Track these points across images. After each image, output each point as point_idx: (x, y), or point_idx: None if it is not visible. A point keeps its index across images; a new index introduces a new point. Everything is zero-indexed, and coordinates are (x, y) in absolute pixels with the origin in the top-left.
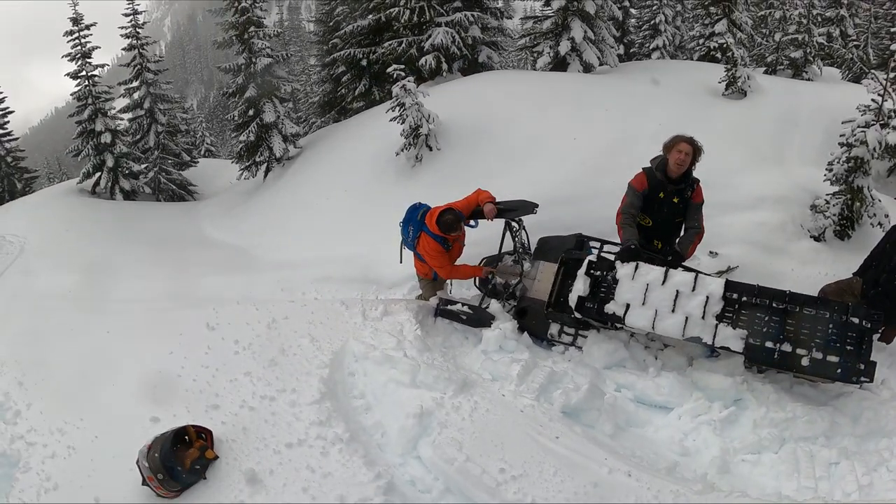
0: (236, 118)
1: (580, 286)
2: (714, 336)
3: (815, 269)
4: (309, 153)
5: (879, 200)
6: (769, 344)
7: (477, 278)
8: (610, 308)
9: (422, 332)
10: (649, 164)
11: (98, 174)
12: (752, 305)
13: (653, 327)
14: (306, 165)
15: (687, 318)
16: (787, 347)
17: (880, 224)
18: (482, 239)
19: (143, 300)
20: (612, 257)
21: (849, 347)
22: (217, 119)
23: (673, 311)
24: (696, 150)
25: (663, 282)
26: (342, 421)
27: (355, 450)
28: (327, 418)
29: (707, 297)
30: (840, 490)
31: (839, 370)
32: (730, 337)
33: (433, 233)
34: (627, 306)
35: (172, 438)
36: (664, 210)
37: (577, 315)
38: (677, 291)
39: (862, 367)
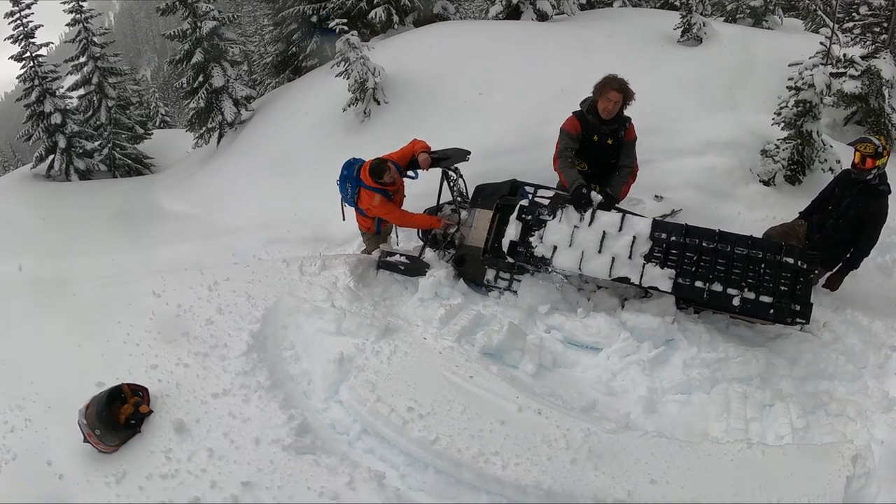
0: (185, 85)
1: (512, 231)
2: (641, 276)
3: (762, 212)
4: (261, 115)
5: (831, 146)
6: (699, 284)
7: (419, 229)
8: (539, 251)
9: (355, 283)
10: (579, 108)
11: (51, 157)
12: (681, 245)
13: (580, 268)
14: (258, 128)
15: (614, 258)
16: (717, 287)
17: (831, 170)
18: (426, 192)
19: (98, 278)
20: (546, 202)
21: (783, 288)
22: (171, 88)
23: (600, 251)
24: (626, 96)
25: (590, 223)
26: (266, 370)
27: (274, 395)
28: (252, 368)
29: (634, 238)
30: (773, 432)
31: (772, 310)
32: (657, 277)
33: (370, 186)
34: (555, 248)
35: (107, 397)
36: (599, 153)
37: (511, 259)
38: (604, 232)
39: (797, 307)
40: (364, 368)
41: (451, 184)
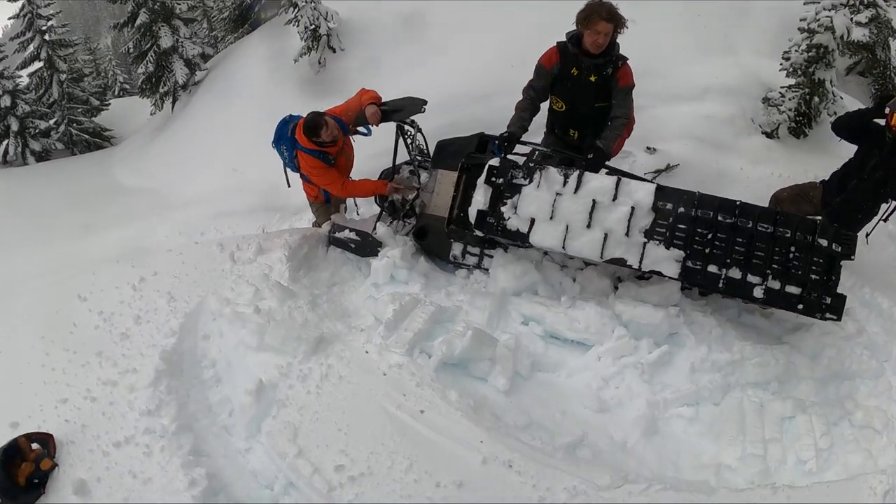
0: (131, 50)
1: (480, 198)
2: (641, 258)
3: (766, 168)
4: (215, 74)
5: (841, 98)
6: (713, 269)
7: (377, 196)
8: (512, 224)
9: (290, 273)
10: (564, 39)
11: (5, 141)
12: (692, 219)
13: (563, 247)
14: (211, 88)
15: (606, 234)
16: (735, 273)
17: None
18: (385, 150)
19: (42, 274)
20: (523, 160)
21: (814, 276)
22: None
23: (589, 226)
24: (617, 24)
25: (576, 189)
26: (175, 406)
27: (180, 445)
28: (157, 406)
29: (632, 209)
30: (794, 455)
31: (801, 304)
32: (662, 259)
33: (307, 147)
34: (532, 221)
35: (1, 457)
36: (579, 90)
37: (479, 233)
38: (594, 201)
39: (828, 300)
40: (286, 402)
41: (408, 140)
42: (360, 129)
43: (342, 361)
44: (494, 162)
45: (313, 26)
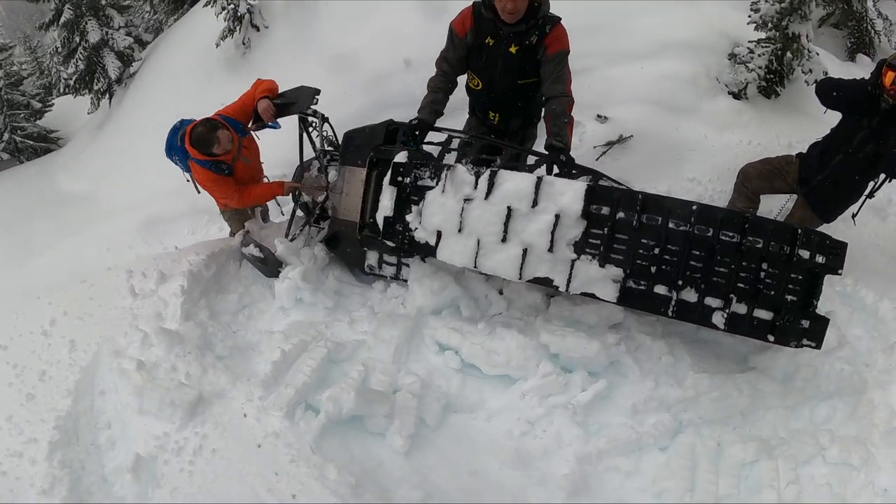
0: (60, 49)
1: (386, 202)
2: (569, 278)
3: (734, 135)
4: (147, 65)
5: (817, 53)
6: (661, 290)
7: (293, 195)
8: (420, 235)
9: (184, 310)
10: None
11: None
12: (636, 227)
13: (475, 264)
14: (142, 81)
15: (526, 249)
16: (690, 296)
17: (816, 82)
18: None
19: None
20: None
21: (790, 297)
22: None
23: (504, 240)
24: None
25: (487, 193)
26: (67, 482)
27: None
28: (51, 484)
29: (557, 217)
30: None
31: (772, 333)
32: (596, 279)
33: (197, 159)
34: (439, 234)
35: None
36: (497, 64)
37: (388, 242)
38: (509, 209)
39: (806, 324)
40: (161, 482)
41: (311, 134)
42: (270, 124)
43: (218, 430)
44: (401, 157)
45: (232, 6)
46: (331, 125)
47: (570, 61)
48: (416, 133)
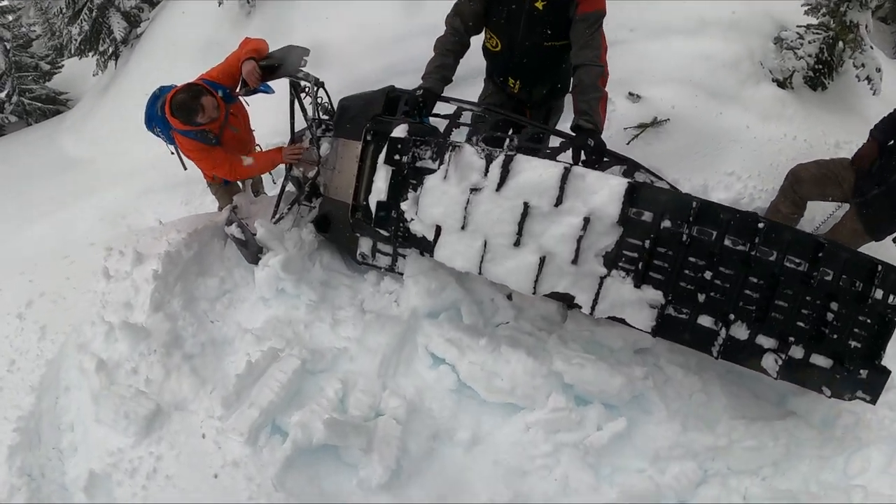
0: (64, 9)
1: (380, 184)
2: (596, 298)
3: (778, 127)
4: (154, 25)
5: (871, 47)
6: (706, 322)
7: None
8: (416, 227)
9: (155, 298)
10: None
11: None
12: (685, 242)
13: (479, 269)
14: (150, 41)
15: (544, 258)
16: (740, 332)
17: (868, 79)
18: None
19: None
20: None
21: (855, 343)
22: None
23: (518, 243)
24: None
25: (500, 183)
26: (26, 491)
27: None
28: (10, 493)
29: (586, 220)
30: None
31: (828, 382)
32: (629, 302)
33: (180, 129)
34: (438, 229)
35: None
36: (520, 22)
37: (381, 231)
38: (526, 206)
39: (864, 374)
40: None
41: (303, 100)
42: (260, 87)
43: (174, 451)
44: (400, 132)
45: None
46: (326, 91)
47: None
48: (421, 104)
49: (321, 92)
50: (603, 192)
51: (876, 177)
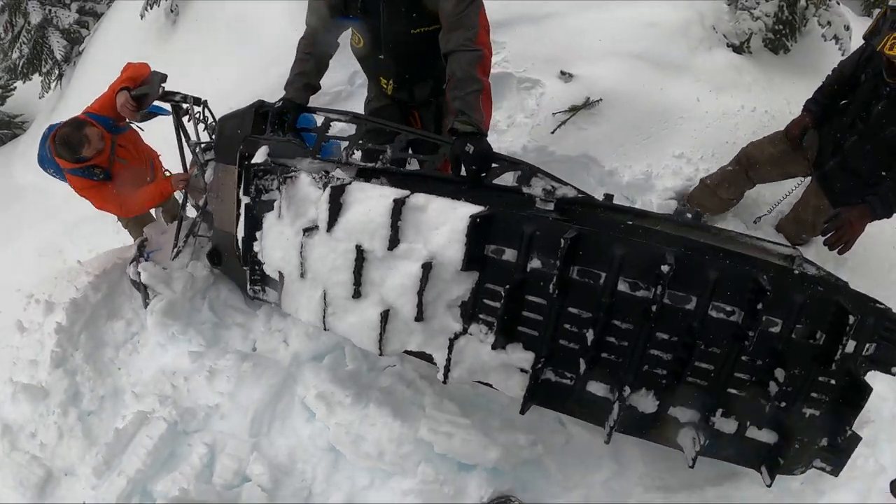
0: (2, 36)
1: (241, 218)
2: (449, 360)
3: (735, 99)
4: (93, 40)
5: (838, 3)
6: (598, 389)
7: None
8: (268, 270)
9: (56, 353)
10: None
11: None
12: (564, 285)
13: (324, 324)
14: (88, 57)
15: (387, 311)
16: (645, 402)
17: (836, 38)
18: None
19: None
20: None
21: (811, 412)
22: None
23: (357, 294)
24: None
25: (330, 221)
26: None
27: None
28: None
29: (426, 266)
30: None
31: (770, 461)
32: (492, 365)
33: (68, 168)
34: (281, 276)
35: None
36: (379, 9)
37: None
38: (359, 249)
39: (825, 444)
40: None
41: (186, 122)
42: (153, 110)
43: None
44: (260, 156)
45: None
46: (209, 110)
47: (531, 4)
48: (282, 117)
49: (204, 112)
50: (444, 228)
51: (832, 143)
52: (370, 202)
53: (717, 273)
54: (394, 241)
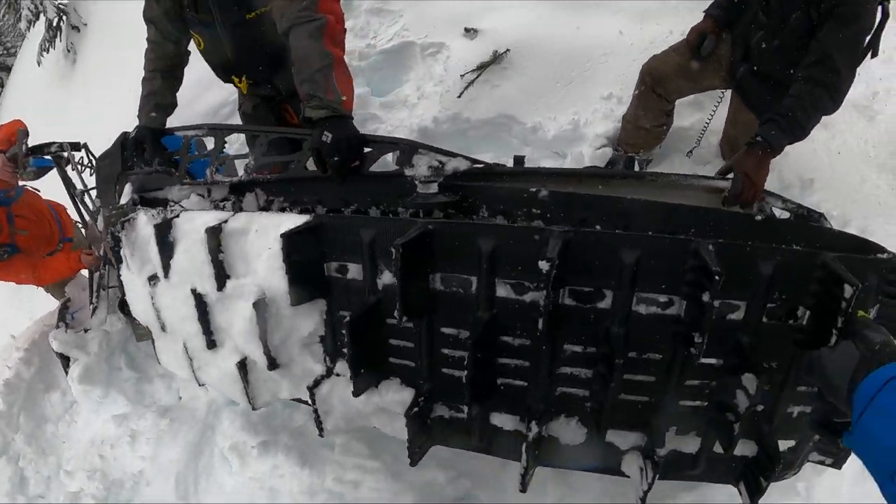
0: None
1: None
2: (316, 411)
3: (662, 24)
4: (3, 98)
5: None
6: (503, 422)
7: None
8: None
9: None
10: None
11: None
12: (441, 293)
13: (196, 379)
14: (3, 114)
15: (244, 360)
16: (570, 431)
17: None
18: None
19: None
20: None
21: (799, 408)
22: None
23: (211, 344)
24: None
25: (164, 267)
26: None
27: None
28: None
29: (259, 304)
30: None
31: (753, 475)
32: (366, 410)
33: None
34: (148, 330)
35: None
36: (207, 3)
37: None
38: (195, 293)
39: (816, 437)
40: None
41: (64, 173)
42: (36, 164)
43: None
44: (125, 195)
45: (36, 11)
46: (89, 154)
47: None
48: (137, 148)
49: (88, 156)
50: (264, 255)
51: (741, 46)
52: (192, 235)
53: (638, 251)
54: (220, 279)
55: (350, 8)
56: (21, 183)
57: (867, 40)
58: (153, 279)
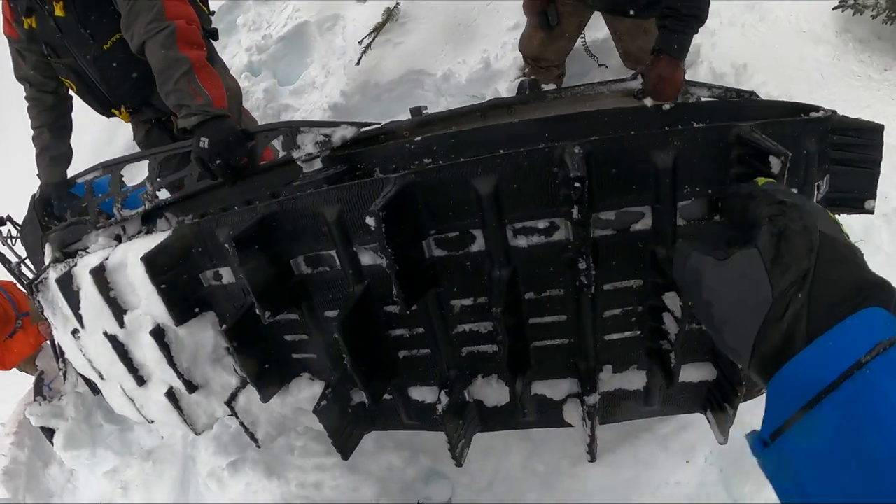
0: None
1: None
2: (242, 423)
3: None
4: None
5: None
6: (424, 395)
7: None
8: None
9: None
10: None
11: None
12: (311, 275)
13: (147, 419)
14: None
15: (170, 389)
16: (492, 392)
17: None
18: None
19: None
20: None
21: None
22: None
23: (140, 382)
24: None
25: (76, 316)
26: None
27: None
28: None
29: (158, 333)
30: None
31: (717, 401)
32: (292, 412)
33: None
34: (96, 376)
35: None
36: (62, 43)
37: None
38: (107, 336)
39: None
40: None
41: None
42: None
43: None
44: (47, 256)
45: None
46: (14, 224)
47: None
48: (52, 205)
49: (9, 228)
50: (137, 283)
51: None
52: (86, 279)
53: (493, 176)
54: (118, 316)
55: (237, 5)
56: None
57: None
58: (75, 332)
